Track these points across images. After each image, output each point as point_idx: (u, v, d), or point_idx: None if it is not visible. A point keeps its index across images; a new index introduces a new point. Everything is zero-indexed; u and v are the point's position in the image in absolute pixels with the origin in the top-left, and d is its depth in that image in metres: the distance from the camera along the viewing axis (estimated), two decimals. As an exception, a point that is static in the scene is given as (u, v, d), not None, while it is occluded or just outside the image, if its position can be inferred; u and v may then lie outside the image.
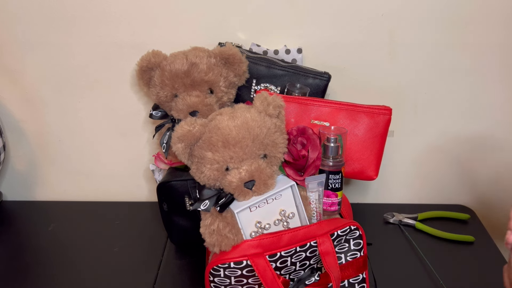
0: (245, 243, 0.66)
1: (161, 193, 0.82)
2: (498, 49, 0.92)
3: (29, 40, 0.91)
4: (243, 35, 0.90)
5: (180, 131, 0.65)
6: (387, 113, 0.80)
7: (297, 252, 0.68)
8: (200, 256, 0.85)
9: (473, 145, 1.01)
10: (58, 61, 0.93)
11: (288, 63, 0.86)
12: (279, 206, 0.69)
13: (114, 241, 0.91)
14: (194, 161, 0.68)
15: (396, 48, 0.91)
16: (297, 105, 0.80)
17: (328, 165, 0.74)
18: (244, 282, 0.68)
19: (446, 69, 0.93)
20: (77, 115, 0.98)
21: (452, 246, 0.90)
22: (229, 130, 0.64)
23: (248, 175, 0.65)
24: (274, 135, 0.67)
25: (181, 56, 0.79)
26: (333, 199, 0.75)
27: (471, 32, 0.90)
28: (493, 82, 0.95)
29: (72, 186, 1.06)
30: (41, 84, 0.95)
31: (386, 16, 0.88)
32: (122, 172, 1.04)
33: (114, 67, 0.93)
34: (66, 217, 1.00)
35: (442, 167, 1.03)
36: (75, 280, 0.81)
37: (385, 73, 0.94)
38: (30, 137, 1.01)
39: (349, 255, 0.73)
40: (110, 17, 0.89)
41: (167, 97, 0.81)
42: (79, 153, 1.02)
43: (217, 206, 0.67)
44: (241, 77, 0.83)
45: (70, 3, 0.88)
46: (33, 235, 0.94)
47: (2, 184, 1.06)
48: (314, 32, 0.90)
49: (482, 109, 0.97)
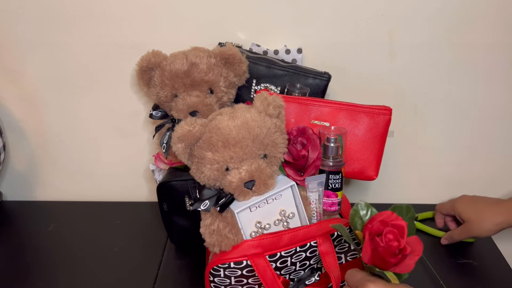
0: (245, 243, 0.66)
1: (161, 193, 0.82)
2: (498, 49, 0.92)
3: (29, 40, 0.91)
4: (243, 35, 0.90)
5: (180, 131, 0.65)
6: (387, 113, 0.80)
7: (297, 252, 0.68)
8: (200, 256, 0.85)
9: (473, 145, 1.01)
10: (58, 61, 0.93)
11: (288, 63, 0.86)
12: (279, 206, 0.69)
13: (114, 241, 0.91)
14: (194, 161, 0.68)
15: (396, 48, 0.91)
16: (297, 105, 0.80)
17: (328, 165, 0.74)
18: (244, 282, 0.68)
19: (446, 69, 0.93)
20: (77, 115, 0.98)
21: (452, 246, 0.90)
22: (229, 130, 0.64)
23: (248, 175, 0.65)
24: (274, 135, 0.67)
25: (181, 56, 0.79)
26: (333, 199, 0.75)
27: (471, 32, 0.90)
28: (493, 82, 0.95)
29: (72, 185, 1.06)
30: (41, 84, 0.95)
31: (386, 16, 0.88)
32: (122, 172, 1.04)
33: (114, 67, 0.93)
34: (66, 217, 1.00)
35: (442, 167, 1.03)
36: (75, 280, 0.81)
37: (385, 73, 0.94)
38: (30, 137, 1.01)
39: (349, 255, 0.73)
40: (110, 17, 0.89)
41: (167, 97, 0.81)
42: (79, 152, 1.02)
43: (217, 206, 0.67)
44: (241, 77, 0.83)
45: (70, 3, 0.88)
46: (33, 235, 0.94)
47: (2, 184, 1.06)
48: (314, 32, 0.90)
49: (482, 109, 0.97)
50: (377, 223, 0.54)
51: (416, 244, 0.54)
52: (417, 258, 0.54)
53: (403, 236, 0.53)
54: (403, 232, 0.53)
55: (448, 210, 0.90)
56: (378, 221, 0.54)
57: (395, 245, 0.52)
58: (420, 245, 0.54)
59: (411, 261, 0.54)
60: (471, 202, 0.88)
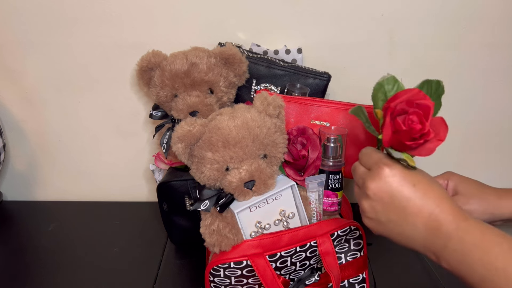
0: (245, 243, 0.66)
1: (161, 193, 0.82)
2: (498, 49, 0.92)
3: (30, 40, 0.91)
4: (243, 35, 0.90)
5: (180, 131, 0.65)
6: (387, 113, 0.80)
7: (297, 252, 0.68)
8: (200, 256, 0.85)
9: (473, 145, 1.01)
10: (58, 61, 0.93)
11: (288, 63, 0.86)
12: (279, 206, 0.69)
13: (114, 241, 0.91)
14: (194, 161, 0.68)
15: (396, 48, 0.91)
16: (297, 105, 0.80)
17: (328, 165, 0.74)
18: (244, 282, 0.68)
19: (446, 69, 0.93)
20: (77, 115, 0.98)
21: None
22: (229, 130, 0.64)
23: (248, 175, 0.65)
24: (274, 135, 0.67)
25: (181, 56, 0.79)
26: (333, 199, 0.75)
27: (470, 32, 0.90)
28: (494, 82, 0.95)
29: (72, 186, 1.06)
30: (41, 84, 0.95)
31: (386, 16, 0.88)
32: (122, 172, 1.04)
33: (114, 67, 0.93)
34: (66, 217, 1.00)
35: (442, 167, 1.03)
36: (75, 280, 0.81)
37: (385, 73, 0.93)
38: (30, 137, 1.01)
39: (349, 255, 0.73)
40: (110, 17, 0.89)
41: (167, 97, 0.81)
42: (79, 152, 1.02)
43: (217, 206, 0.67)
44: (241, 77, 0.83)
45: (70, 3, 0.88)
46: (33, 235, 0.94)
47: (2, 184, 1.06)
48: (314, 32, 0.90)
49: (483, 110, 0.97)
50: (401, 102, 0.47)
51: (440, 126, 0.48)
52: (440, 143, 0.47)
53: (428, 117, 0.46)
54: (428, 113, 0.46)
55: (443, 177, 0.78)
56: (402, 99, 0.47)
57: (417, 128, 0.46)
58: (445, 128, 0.48)
59: (433, 144, 0.47)
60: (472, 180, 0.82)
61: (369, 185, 0.52)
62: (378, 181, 0.52)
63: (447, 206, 0.50)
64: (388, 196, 0.51)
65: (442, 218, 0.49)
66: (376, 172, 0.52)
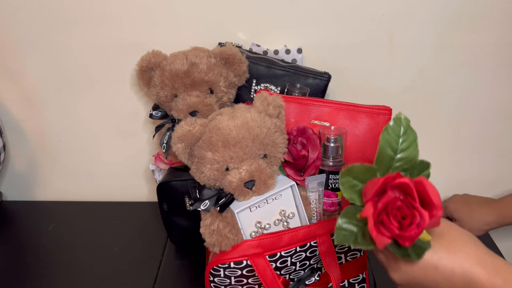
0: (245, 243, 0.66)
1: (161, 193, 0.82)
2: (498, 49, 0.92)
3: (30, 40, 0.91)
4: (243, 35, 0.90)
5: (180, 131, 0.65)
6: (387, 113, 0.80)
7: (297, 252, 0.68)
8: (200, 256, 0.85)
9: (474, 145, 1.01)
10: (58, 61, 0.93)
11: (288, 63, 0.86)
12: (279, 206, 0.69)
13: (114, 241, 0.91)
14: (194, 161, 0.68)
15: (396, 48, 0.91)
16: (297, 105, 0.80)
17: (328, 165, 0.74)
18: (244, 282, 0.68)
19: (446, 69, 0.93)
20: (77, 115, 0.98)
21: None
22: (229, 130, 0.64)
23: (248, 175, 0.65)
24: (274, 135, 0.67)
25: (181, 56, 0.79)
26: (333, 199, 0.75)
27: (471, 32, 0.90)
28: (494, 82, 0.95)
29: (72, 186, 1.06)
30: (41, 84, 0.95)
31: (386, 16, 0.88)
32: (122, 172, 1.04)
33: (114, 67, 0.93)
34: (66, 217, 1.00)
35: (442, 167, 1.03)
36: (75, 280, 0.81)
37: (385, 73, 0.94)
38: (30, 137, 1.01)
39: (349, 255, 0.73)
40: (110, 17, 0.89)
41: (167, 97, 0.81)
42: (79, 152, 1.02)
43: (217, 206, 0.67)
44: (241, 77, 0.83)
45: (70, 3, 0.88)
46: (33, 235, 0.94)
47: (2, 184, 1.06)
48: (314, 32, 0.90)
49: (483, 110, 0.97)
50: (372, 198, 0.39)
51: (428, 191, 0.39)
52: (440, 213, 0.39)
53: (414, 197, 0.38)
54: (411, 191, 0.38)
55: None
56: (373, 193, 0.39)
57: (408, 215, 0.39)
58: (434, 193, 0.40)
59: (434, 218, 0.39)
60: (462, 201, 0.90)
61: (393, 276, 0.52)
62: (399, 272, 0.51)
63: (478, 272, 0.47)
64: (415, 283, 0.51)
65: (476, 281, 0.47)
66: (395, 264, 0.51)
